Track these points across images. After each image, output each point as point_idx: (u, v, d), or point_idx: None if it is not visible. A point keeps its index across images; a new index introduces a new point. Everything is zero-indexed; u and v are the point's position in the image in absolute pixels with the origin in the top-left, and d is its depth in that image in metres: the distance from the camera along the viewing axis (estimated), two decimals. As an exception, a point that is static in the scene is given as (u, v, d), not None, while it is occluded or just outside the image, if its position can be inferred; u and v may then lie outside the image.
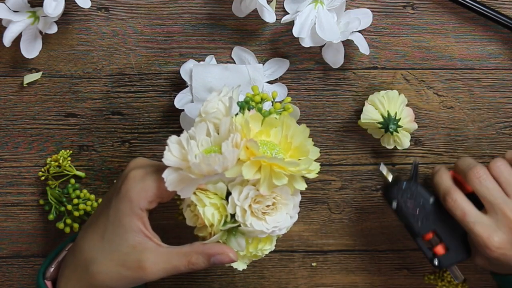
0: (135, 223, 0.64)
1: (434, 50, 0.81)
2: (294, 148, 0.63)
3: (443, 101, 0.82)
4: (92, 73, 0.81)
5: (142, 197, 0.64)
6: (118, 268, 0.64)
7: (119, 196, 0.65)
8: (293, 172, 0.61)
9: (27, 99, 0.81)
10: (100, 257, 0.65)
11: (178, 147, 0.62)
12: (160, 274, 0.64)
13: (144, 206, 0.64)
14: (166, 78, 0.81)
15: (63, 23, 0.79)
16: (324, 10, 0.76)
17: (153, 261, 0.63)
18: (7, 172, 0.83)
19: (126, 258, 0.64)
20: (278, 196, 0.63)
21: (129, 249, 0.64)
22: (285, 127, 0.63)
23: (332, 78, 0.81)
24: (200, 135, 0.63)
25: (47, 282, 0.69)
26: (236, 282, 0.86)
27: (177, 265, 0.64)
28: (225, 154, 0.60)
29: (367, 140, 0.82)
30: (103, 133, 0.82)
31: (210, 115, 0.63)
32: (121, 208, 0.64)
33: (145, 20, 0.80)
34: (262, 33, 0.80)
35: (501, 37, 0.81)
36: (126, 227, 0.64)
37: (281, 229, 0.64)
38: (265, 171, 0.61)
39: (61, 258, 0.70)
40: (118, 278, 0.64)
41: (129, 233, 0.64)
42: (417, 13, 0.80)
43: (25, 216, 0.84)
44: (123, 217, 0.64)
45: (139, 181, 0.65)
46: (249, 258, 0.67)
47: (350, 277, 0.86)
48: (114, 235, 0.65)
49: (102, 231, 0.66)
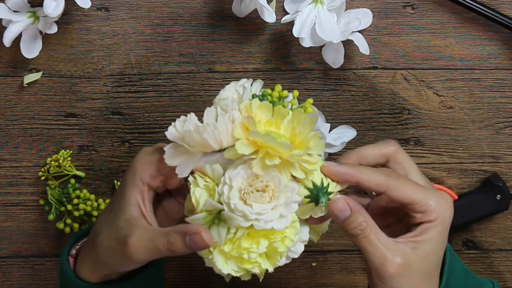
0: (134, 196, 0.63)
1: (434, 50, 0.81)
2: (299, 141, 0.60)
3: (443, 101, 0.82)
4: (92, 73, 0.81)
5: (145, 170, 0.63)
6: (112, 242, 0.63)
7: (127, 169, 0.65)
8: (285, 155, 0.58)
9: (27, 99, 0.81)
10: (104, 230, 0.64)
11: (183, 124, 0.62)
12: (143, 253, 0.61)
13: (146, 179, 0.63)
14: (166, 78, 0.81)
15: (63, 23, 0.79)
16: (324, 10, 0.76)
17: (137, 238, 0.61)
18: (7, 172, 0.83)
19: (119, 232, 0.62)
20: (270, 183, 0.59)
21: (124, 223, 0.63)
22: (296, 122, 0.60)
23: (332, 78, 0.81)
24: (208, 119, 0.62)
25: (70, 259, 0.69)
26: (236, 282, 0.86)
27: (157, 245, 0.61)
28: (216, 125, 0.59)
29: (367, 140, 0.83)
30: (103, 133, 0.82)
31: (221, 102, 0.63)
32: (125, 180, 0.64)
33: (145, 20, 0.80)
34: (262, 33, 0.80)
35: (501, 37, 0.81)
36: (126, 200, 0.63)
37: (266, 222, 0.58)
38: (261, 152, 0.59)
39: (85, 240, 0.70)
40: (111, 253, 0.63)
41: (127, 206, 0.63)
42: (417, 13, 0.80)
43: (25, 216, 0.84)
44: (125, 189, 0.64)
45: (146, 154, 0.64)
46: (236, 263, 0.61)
47: (350, 277, 0.86)
48: (117, 208, 0.64)
49: (111, 205, 0.66)
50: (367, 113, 0.82)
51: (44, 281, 0.86)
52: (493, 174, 0.83)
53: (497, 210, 0.82)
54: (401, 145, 0.82)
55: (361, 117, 0.82)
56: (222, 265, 0.60)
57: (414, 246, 0.62)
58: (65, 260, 0.68)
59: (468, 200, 0.82)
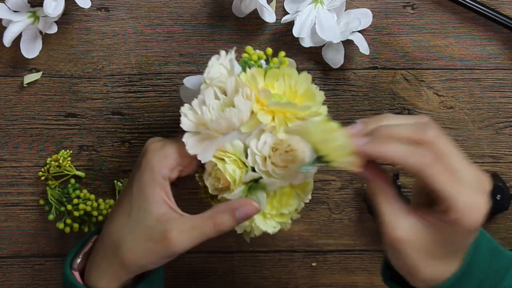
0: (158, 193, 0.63)
1: (434, 50, 0.81)
2: (301, 95, 0.65)
3: (443, 101, 0.82)
4: (92, 73, 0.81)
5: (163, 165, 0.64)
6: (146, 243, 0.63)
7: (140, 169, 0.65)
8: (305, 116, 0.63)
9: (27, 99, 0.81)
10: (128, 235, 0.64)
11: (192, 112, 0.64)
12: (187, 243, 0.62)
13: (166, 173, 0.64)
14: (166, 78, 0.81)
15: (63, 23, 0.79)
16: (324, 10, 0.76)
17: (178, 231, 0.62)
18: (7, 172, 0.83)
19: (152, 231, 0.63)
20: (292, 143, 0.63)
21: (154, 222, 0.63)
22: (287, 77, 0.65)
23: (332, 78, 0.81)
24: (209, 100, 0.64)
25: (74, 273, 0.68)
26: (236, 282, 0.86)
27: (203, 230, 0.62)
28: (239, 107, 0.62)
29: (367, 140, 0.83)
30: (103, 133, 0.82)
31: (215, 80, 0.65)
32: (143, 180, 0.64)
33: (145, 20, 0.80)
34: (262, 33, 0.80)
35: (501, 37, 0.81)
36: (149, 198, 0.63)
37: (307, 176, 0.64)
38: (278, 117, 0.63)
39: (87, 249, 0.69)
40: (147, 254, 0.63)
41: (153, 204, 0.63)
42: (417, 13, 0.80)
43: (25, 216, 0.84)
44: (145, 188, 0.64)
45: (158, 150, 0.65)
46: (277, 220, 0.66)
47: (350, 277, 0.86)
48: (139, 209, 0.64)
49: (128, 209, 0.65)
50: (367, 113, 0.82)
51: (44, 281, 0.86)
52: (493, 174, 0.83)
53: (497, 210, 0.82)
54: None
55: (361, 117, 0.82)
56: (264, 225, 0.66)
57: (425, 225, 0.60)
58: (69, 274, 0.67)
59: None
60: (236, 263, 0.86)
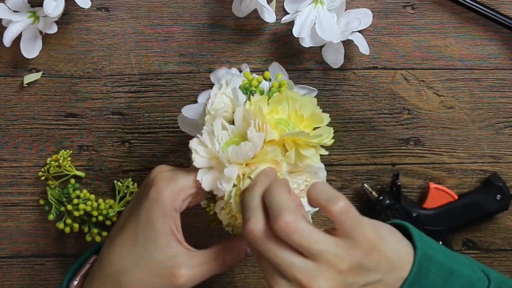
0: (169, 226, 0.62)
1: (434, 50, 0.81)
2: (307, 118, 0.64)
3: (443, 101, 0.82)
4: (92, 73, 0.81)
5: (175, 197, 0.62)
6: (152, 278, 0.61)
7: (149, 200, 0.62)
8: (317, 143, 0.63)
9: (27, 99, 0.81)
10: (132, 267, 0.62)
11: (202, 148, 0.63)
12: (195, 280, 0.61)
13: (178, 206, 0.62)
14: (166, 78, 0.81)
15: (63, 23, 0.79)
16: (324, 10, 0.76)
17: (187, 267, 0.61)
18: (7, 172, 0.83)
19: (160, 266, 0.61)
20: (308, 178, 0.64)
21: (162, 256, 0.61)
22: (291, 101, 0.64)
23: (332, 78, 0.81)
24: (218, 131, 0.64)
25: None
26: (236, 282, 0.86)
27: (213, 267, 0.62)
28: (253, 140, 0.61)
29: (367, 140, 0.83)
30: (103, 133, 0.82)
31: (220, 111, 0.64)
32: (152, 211, 0.62)
33: (145, 20, 0.80)
34: (262, 33, 0.80)
35: (501, 37, 0.81)
36: (158, 231, 0.61)
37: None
38: (289, 146, 0.63)
39: (84, 271, 0.68)
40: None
41: (162, 237, 0.62)
42: (417, 13, 0.80)
43: (25, 216, 0.84)
44: (155, 221, 0.62)
45: (170, 181, 0.63)
46: None
47: (350, 277, 0.86)
48: (146, 241, 0.62)
49: (133, 239, 0.63)
50: (367, 113, 0.82)
51: (44, 281, 0.86)
52: (493, 174, 0.83)
53: (497, 210, 0.82)
54: (400, 145, 0.83)
55: (361, 117, 0.82)
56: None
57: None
58: None
59: (468, 200, 0.82)
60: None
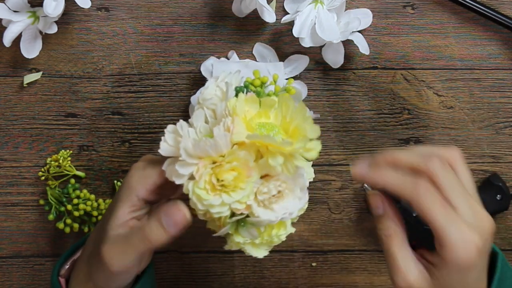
0: (123, 210, 0.61)
1: (434, 50, 0.81)
2: (293, 128, 0.60)
3: (443, 101, 0.82)
4: (92, 73, 0.81)
5: (140, 185, 0.61)
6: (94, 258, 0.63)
7: (121, 185, 0.64)
8: (289, 151, 0.58)
9: (27, 99, 0.82)
10: (91, 248, 0.65)
11: (173, 136, 0.60)
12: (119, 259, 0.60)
13: (142, 194, 0.62)
14: (166, 78, 0.81)
15: (63, 23, 0.79)
16: (324, 10, 0.76)
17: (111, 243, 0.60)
18: (7, 172, 0.83)
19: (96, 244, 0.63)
20: (283, 183, 0.60)
21: (103, 235, 0.62)
22: (284, 108, 0.60)
23: (332, 78, 0.81)
24: (198, 122, 0.60)
25: (60, 279, 0.68)
26: (236, 282, 0.86)
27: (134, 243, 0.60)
28: (216, 139, 0.58)
29: (367, 140, 0.83)
30: (103, 133, 0.82)
31: (207, 102, 0.61)
32: (120, 194, 0.63)
33: (145, 20, 0.80)
34: (262, 33, 0.80)
35: (501, 37, 0.81)
36: (115, 212, 0.62)
37: (291, 213, 0.61)
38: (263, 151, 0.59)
39: (77, 256, 0.69)
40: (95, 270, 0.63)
41: (113, 219, 0.62)
42: (417, 13, 0.80)
43: (25, 216, 0.84)
44: (117, 202, 0.62)
45: (140, 170, 0.63)
46: (267, 245, 0.64)
47: (350, 277, 0.86)
48: (103, 219, 0.64)
49: (104, 216, 0.65)
50: (367, 113, 0.82)
51: (44, 281, 0.86)
52: (493, 174, 0.83)
53: (497, 210, 0.82)
54: (400, 145, 0.83)
55: (361, 117, 0.82)
56: (256, 252, 0.63)
57: (430, 272, 0.59)
58: (55, 280, 0.67)
59: (468, 200, 0.82)
60: (236, 263, 0.86)
